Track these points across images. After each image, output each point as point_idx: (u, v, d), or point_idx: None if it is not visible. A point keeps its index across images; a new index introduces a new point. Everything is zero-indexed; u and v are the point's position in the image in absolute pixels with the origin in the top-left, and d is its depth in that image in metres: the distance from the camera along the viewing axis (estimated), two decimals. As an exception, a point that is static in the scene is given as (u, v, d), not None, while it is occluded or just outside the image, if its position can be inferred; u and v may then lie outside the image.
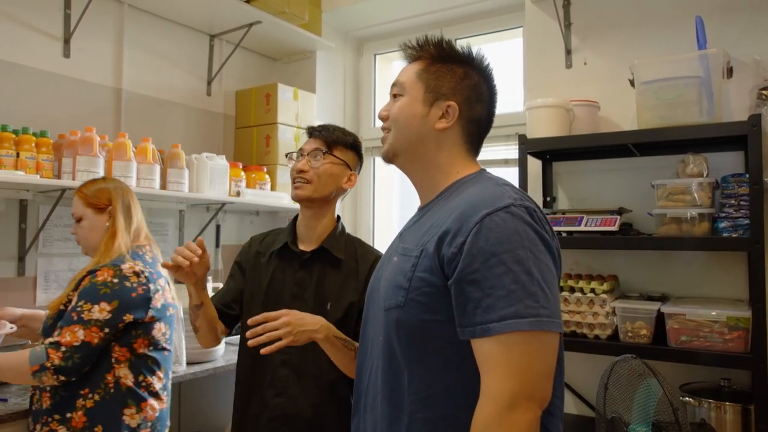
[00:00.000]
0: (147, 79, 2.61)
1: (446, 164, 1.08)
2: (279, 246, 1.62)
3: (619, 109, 2.29)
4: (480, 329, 0.88)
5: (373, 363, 1.07)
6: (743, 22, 2.08)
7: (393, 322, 0.99)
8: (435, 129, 1.07)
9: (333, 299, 1.53)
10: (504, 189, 0.98)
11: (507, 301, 0.86)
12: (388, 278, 1.05)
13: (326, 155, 1.58)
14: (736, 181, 1.87)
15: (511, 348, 0.85)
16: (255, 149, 2.95)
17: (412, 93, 1.09)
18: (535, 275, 0.88)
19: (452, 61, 1.09)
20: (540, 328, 0.86)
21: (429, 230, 1.00)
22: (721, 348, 1.78)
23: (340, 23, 3.28)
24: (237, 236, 3.04)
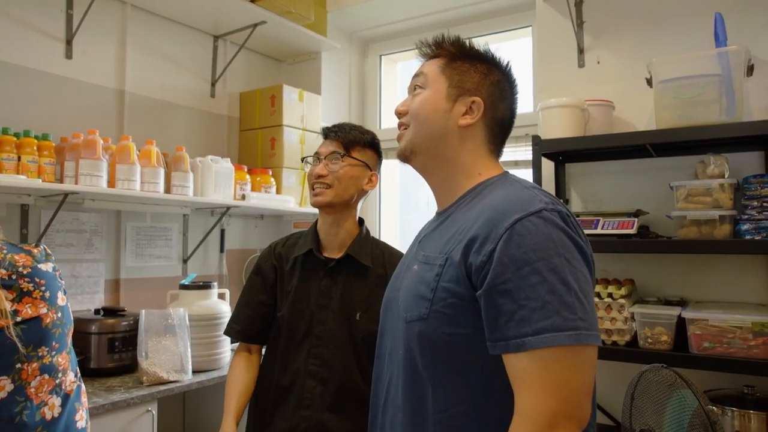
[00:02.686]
0: (150, 81, 2.56)
1: (468, 164, 1.02)
2: (302, 253, 1.56)
3: (633, 109, 2.23)
4: (514, 343, 0.81)
5: (392, 378, 1.01)
6: (762, 20, 2.03)
7: (415, 335, 0.93)
8: (458, 125, 1.01)
9: (362, 309, 1.47)
10: (534, 192, 0.92)
11: (543, 313, 0.80)
12: (409, 288, 0.99)
13: (345, 158, 1.52)
14: (759, 182, 1.81)
15: (549, 364, 0.79)
16: (260, 152, 2.90)
17: (435, 87, 1.03)
18: (572, 285, 0.82)
19: (474, 58, 1.05)
20: (579, 342, 0.79)
21: (453, 237, 0.94)
22: (745, 354, 1.72)
23: (346, 24, 3.23)
24: (241, 241, 2.98)
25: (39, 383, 1.34)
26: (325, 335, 1.48)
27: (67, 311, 1.45)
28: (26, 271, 1.37)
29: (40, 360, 1.34)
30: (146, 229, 2.52)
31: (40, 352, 1.34)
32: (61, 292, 1.43)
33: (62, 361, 1.40)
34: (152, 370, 1.98)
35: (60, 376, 1.39)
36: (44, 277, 1.39)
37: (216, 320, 2.21)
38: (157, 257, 2.56)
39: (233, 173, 2.53)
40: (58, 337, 1.39)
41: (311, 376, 1.47)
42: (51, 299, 1.38)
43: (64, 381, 1.41)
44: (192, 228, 2.71)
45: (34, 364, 1.33)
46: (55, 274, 1.43)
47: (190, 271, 2.67)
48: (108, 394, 1.84)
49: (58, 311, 1.39)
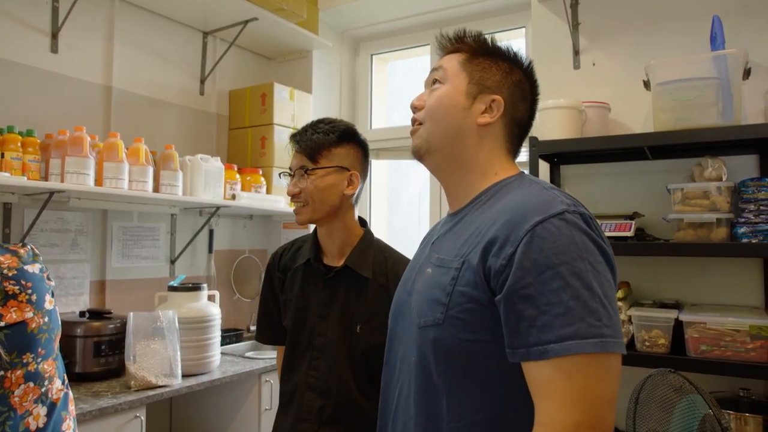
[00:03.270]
0: (138, 77, 2.50)
1: (484, 164, 0.98)
2: (303, 261, 1.49)
3: (629, 111, 2.23)
4: (535, 351, 0.78)
5: (402, 385, 0.97)
6: (759, 24, 2.04)
7: (429, 341, 0.89)
8: (477, 124, 0.97)
9: (362, 321, 1.41)
10: (554, 193, 0.88)
11: (566, 320, 0.76)
12: (422, 292, 0.94)
13: (313, 171, 1.39)
14: (756, 185, 1.81)
15: (573, 372, 0.76)
16: (250, 151, 2.85)
17: (455, 82, 0.99)
18: (596, 290, 0.78)
19: (496, 55, 1.00)
20: (604, 350, 0.76)
21: (470, 239, 0.90)
22: (743, 357, 1.72)
23: (337, 22, 3.19)
24: (230, 241, 2.93)
25: (23, 392, 1.28)
26: (324, 347, 1.43)
27: (55, 315, 1.39)
28: (11, 273, 1.31)
29: (24, 367, 1.28)
30: (133, 229, 2.46)
31: (24, 359, 1.28)
32: (49, 294, 1.38)
33: (48, 368, 1.35)
34: (140, 374, 1.93)
35: (46, 384, 1.34)
36: (31, 279, 1.33)
37: (206, 323, 2.16)
38: (144, 258, 2.50)
39: (223, 172, 2.48)
40: (45, 343, 1.34)
41: (310, 389, 1.42)
42: (38, 302, 1.33)
43: (50, 389, 1.35)
44: (180, 228, 2.65)
45: (18, 371, 1.27)
46: (42, 275, 1.38)
47: (178, 272, 2.62)
48: (95, 400, 1.78)
49: (45, 315, 1.34)
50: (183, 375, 2.05)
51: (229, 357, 2.43)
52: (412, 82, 3.51)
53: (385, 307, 1.38)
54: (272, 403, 2.29)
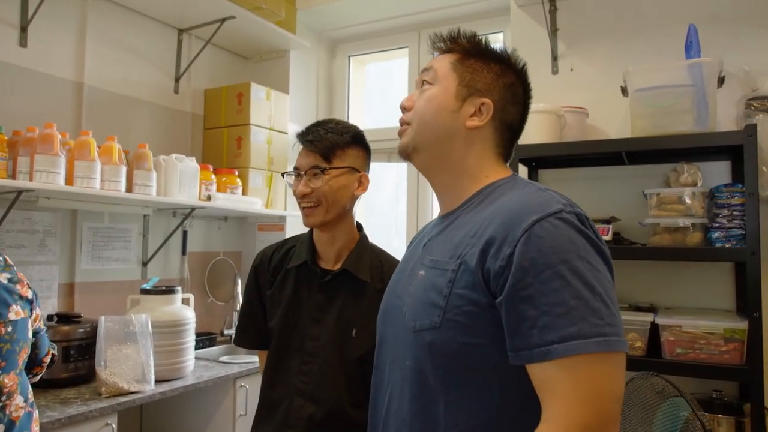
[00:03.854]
0: (111, 74, 2.43)
1: (474, 167, 0.97)
2: (298, 263, 1.45)
3: (606, 117, 2.26)
4: (538, 352, 0.77)
5: (393, 390, 0.95)
6: (730, 33, 2.09)
7: (426, 345, 0.87)
8: (465, 127, 0.96)
9: (359, 326, 1.38)
10: (550, 194, 0.88)
11: (568, 319, 0.76)
12: (416, 295, 0.93)
13: (327, 171, 1.37)
14: (729, 191, 1.85)
15: (579, 373, 0.75)
16: (225, 151, 2.80)
17: (445, 83, 0.98)
18: (596, 289, 0.77)
19: (488, 56, 0.99)
20: (609, 349, 0.75)
21: (464, 240, 0.89)
22: (717, 360, 1.75)
23: (315, 22, 3.17)
24: (204, 243, 2.87)
25: None
26: (317, 351, 1.39)
27: (23, 327, 1.31)
28: None
29: None
30: (104, 230, 2.39)
31: None
32: (18, 305, 1.30)
33: (9, 382, 1.27)
34: (112, 380, 1.86)
35: (4, 400, 1.26)
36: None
37: (180, 327, 2.11)
38: (114, 260, 2.43)
39: (198, 173, 2.43)
40: (6, 354, 1.26)
41: (300, 394, 1.38)
42: (0, 312, 1.25)
43: (8, 405, 1.27)
44: (152, 229, 2.58)
45: None
46: (12, 285, 1.31)
47: (150, 274, 2.55)
48: (63, 407, 1.72)
49: (9, 326, 1.26)
50: (156, 380, 1.99)
51: (202, 361, 2.37)
52: (388, 85, 3.50)
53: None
54: (247, 408, 2.24)
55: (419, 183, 3.00)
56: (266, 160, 2.82)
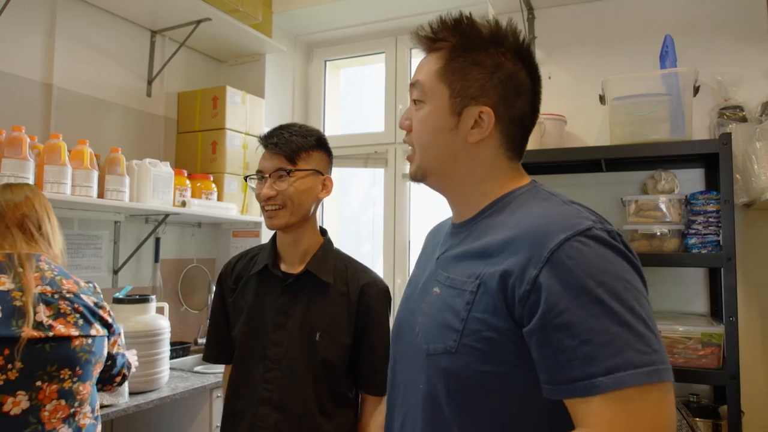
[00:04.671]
0: (81, 76, 2.35)
1: (485, 178, 0.89)
2: (259, 268, 1.43)
3: (583, 124, 2.29)
4: (582, 386, 0.69)
5: (407, 414, 0.89)
6: (704, 44, 2.14)
7: (440, 370, 0.81)
8: (468, 142, 0.88)
9: (322, 329, 1.36)
10: (577, 208, 0.80)
11: (612, 348, 0.68)
12: (430, 315, 0.86)
13: (292, 173, 1.37)
14: (704, 198, 1.89)
15: (631, 407, 0.67)
16: (200, 156, 2.73)
17: (436, 100, 0.89)
18: (639, 312, 0.70)
19: (476, 49, 0.87)
20: (659, 379, 0.68)
21: (484, 258, 0.82)
22: (695, 364, 1.78)
23: (291, 26, 3.13)
24: (177, 250, 2.80)
25: (54, 408, 1.31)
26: (280, 358, 1.36)
27: (101, 344, 1.44)
28: (69, 294, 1.39)
29: (60, 383, 1.32)
30: (73, 236, 2.30)
31: (62, 375, 1.33)
32: (98, 325, 1.43)
33: (83, 390, 1.38)
34: (84, 393, 1.79)
35: (76, 406, 1.37)
36: (83, 305, 1.41)
37: (155, 336, 2.05)
38: (84, 268, 2.34)
39: (173, 178, 2.37)
40: (84, 364, 1.37)
41: (264, 403, 1.35)
42: (83, 327, 1.38)
43: (78, 412, 1.37)
44: (124, 236, 2.50)
45: (54, 385, 1.31)
46: (96, 309, 1.44)
47: (122, 282, 2.47)
48: (33, 423, 1.64)
49: (90, 339, 1.40)
50: (130, 393, 1.92)
51: (177, 372, 2.31)
52: (365, 90, 3.49)
53: (345, 315, 1.40)
54: (224, 419, 2.19)
55: (396, 188, 2.99)
56: (242, 165, 2.77)
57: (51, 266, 1.42)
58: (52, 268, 1.42)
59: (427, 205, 3.01)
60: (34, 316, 1.29)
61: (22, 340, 1.25)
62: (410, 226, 2.99)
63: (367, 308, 1.41)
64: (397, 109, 3.03)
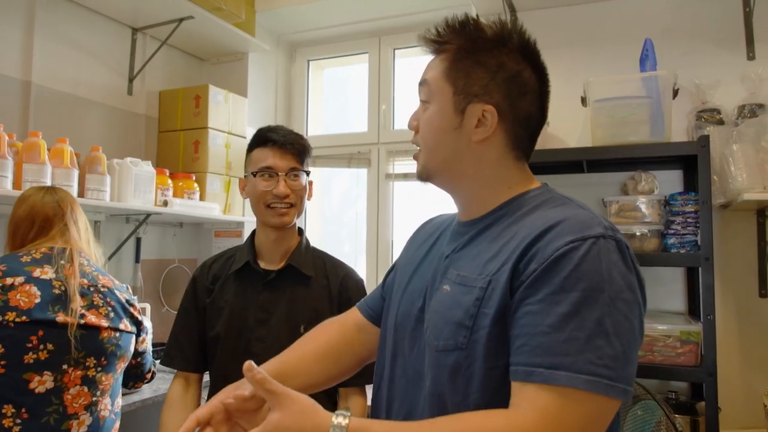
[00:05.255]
0: (61, 73, 2.31)
1: (492, 179, 0.89)
2: (239, 266, 1.44)
3: (566, 126, 2.32)
4: (522, 371, 0.72)
5: (412, 410, 0.89)
6: (683, 48, 2.18)
7: (448, 366, 0.82)
8: (473, 141, 0.87)
9: (306, 322, 1.38)
10: (591, 214, 0.81)
11: (564, 348, 0.70)
12: (440, 312, 0.86)
13: (300, 174, 1.44)
14: (683, 199, 1.93)
15: (563, 405, 0.69)
16: (181, 155, 2.71)
17: (440, 99, 0.89)
18: (606, 327, 0.71)
19: (481, 49, 0.87)
20: (595, 391, 0.69)
21: (497, 257, 0.82)
22: (674, 362, 1.82)
23: (274, 26, 3.12)
24: (159, 250, 2.77)
25: (77, 393, 1.37)
26: (264, 353, 1.37)
27: (127, 340, 1.50)
28: (104, 289, 1.48)
29: (85, 370, 1.39)
30: (52, 236, 2.26)
31: (87, 362, 1.39)
32: (128, 321, 1.51)
33: (105, 381, 1.43)
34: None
35: (98, 395, 1.41)
36: (115, 300, 1.49)
37: (137, 338, 2.02)
38: (63, 268, 2.30)
39: (154, 177, 2.34)
40: (109, 355, 1.43)
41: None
42: (114, 320, 1.46)
43: (100, 402, 1.42)
44: (104, 236, 2.47)
45: (78, 372, 1.37)
46: (128, 306, 1.52)
47: (102, 283, 2.43)
48: (12, 426, 1.61)
49: (117, 332, 1.46)
50: (111, 395, 1.90)
51: (159, 373, 2.28)
52: (348, 90, 3.49)
53: (328, 307, 1.42)
54: (207, 420, 2.17)
55: (379, 188, 3.00)
56: (224, 165, 2.75)
57: (89, 263, 1.55)
58: (91, 264, 1.54)
59: (410, 206, 3.02)
60: (70, 305, 1.38)
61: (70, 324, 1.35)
62: (393, 226, 3.00)
63: (348, 299, 1.44)
64: (381, 109, 3.04)
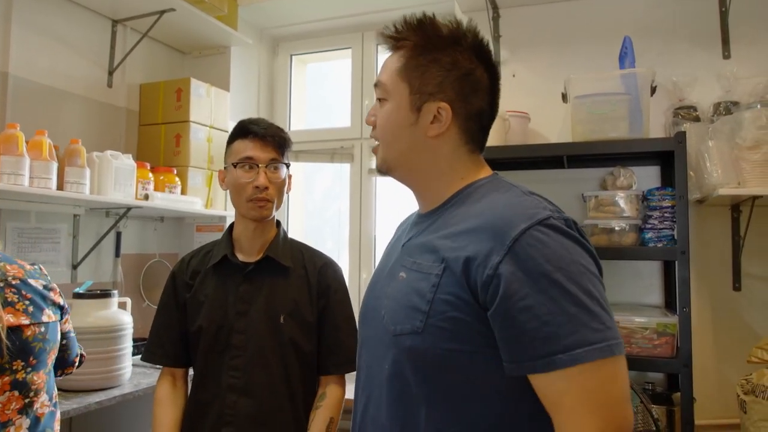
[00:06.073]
0: (39, 64, 2.27)
1: (447, 171, 0.95)
2: (217, 260, 1.44)
3: (546, 122, 2.35)
4: (542, 363, 0.75)
5: (371, 394, 0.93)
6: (659, 46, 2.23)
7: (405, 349, 0.85)
8: (428, 137, 0.93)
9: (286, 312, 1.39)
10: (536, 199, 0.86)
11: (570, 328, 0.74)
12: (396, 298, 0.90)
13: (281, 165, 1.43)
14: (660, 194, 1.97)
15: (586, 380, 0.74)
16: (162, 149, 2.68)
17: (397, 97, 0.94)
18: (594, 293, 0.77)
19: (436, 48, 0.92)
20: (611, 354, 0.75)
21: (447, 243, 0.87)
22: (651, 353, 1.86)
23: (256, 20, 3.10)
24: (139, 245, 2.74)
25: (7, 399, 1.27)
26: (244, 344, 1.39)
27: (54, 330, 1.38)
28: (15, 281, 1.33)
29: (13, 374, 1.27)
30: (30, 230, 2.23)
31: (14, 366, 1.27)
32: (50, 310, 1.37)
33: (38, 380, 1.34)
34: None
35: (31, 396, 1.32)
36: (31, 291, 1.35)
37: (117, 332, 2.00)
38: (41, 262, 2.23)
39: (135, 171, 2.32)
40: (38, 353, 1.33)
41: (231, 390, 1.37)
42: (34, 314, 1.33)
43: (35, 402, 1.33)
44: (83, 230, 2.44)
45: (6, 377, 1.26)
46: (46, 292, 1.38)
47: (81, 277, 2.41)
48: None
49: (42, 326, 1.34)
50: (91, 390, 1.89)
51: (139, 368, 2.27)
52: (331, 85, 3.48)
53: (307, 296, 1.43)
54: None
55: (362, 183, 3.00)
56: (206, 159, 2.73)
57: None
58: None
59: (393, 200, 3.03)
60: None
61: None
62: (376, 221, 3.01)
63: (327, 287, 1.46)
64: (364, 105, 3.04)
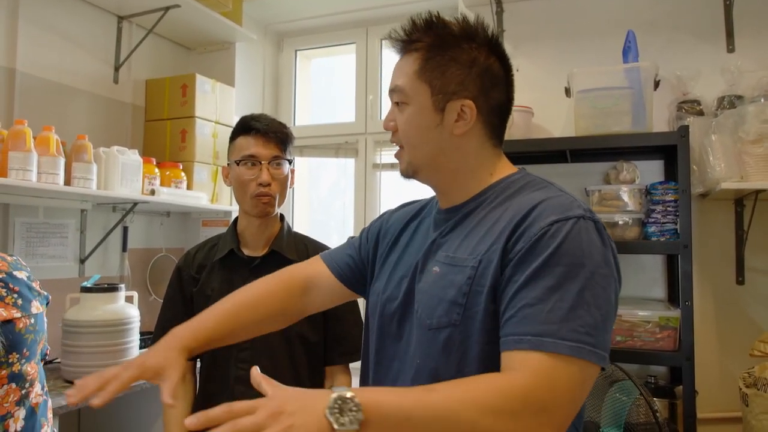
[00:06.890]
0: (46, 61, 2.29)
1: (475, 167, 0.95)
2: (224, 254, 1.46)
3: (550, 116, 2.35)
4: (512, 340, 0.77)
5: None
6: (664, 40, 2.22)
7: (440, 343, 0.86)
8: (454, 135, 0.93)
9: None
10: (571, 197, 0.88)
11: (548, 317, 0.75)
12: (431, 292, 0.90)
13: (284, 162, 1.44)
14: (663, 188, 1.97)
15: (542, 367, 0.74)
16: (168, 144, 2.70)
17: (418, 99, 0.93)
18: (586, 298, 0.77)
19: (451, 46, 0.92)
20: (579, 356, 0.74)
21: (486, 238, 0.87)
22: (653, 347, 1.86)
23: (261, 15, 3.11)
24: (145, 239, 2.77)
25: (6, 392, 1.28)
26: (251, 338, 1.40)
27: (41, 320, 1.39)
28: (1, 275, 1.32)
29: (9, 367, 1.28)
30: (39, 225, 2.26)
31: (10, 359, 1.28)
32: (37, 301, 1.37)
33: (31, 371, 1.35)
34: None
35: (27, 387, 1.33)
36: (18, 284, 1.35)
37: (124, 326, 2.03)
38: (50, 257, 2.31)
39: (141, 166, 2.34)
40: (30, 345, 1.34)
41: (239, 382, 1.38)
42: (23, 306, 1.33)
43: (30, 392, 1.34)
44: (91, 225, 2.47)
45: (3, 371, 1.27)
46: (30, 282, 1.38)
47: (89, 272, 2.44)
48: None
49: (32, 318, 1.35)
50: (99, 382, 1.91)
51: (146, 361, 2.29)
52: (335, 80, 3.49)
53: None
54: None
55: (366, 178, 3.02)
56: (212, 154, 2.75)
57: None
58: None
59: (397, 195, 3.04)
60: None
61: None
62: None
63: None
64: (368, 100, 3.05)
